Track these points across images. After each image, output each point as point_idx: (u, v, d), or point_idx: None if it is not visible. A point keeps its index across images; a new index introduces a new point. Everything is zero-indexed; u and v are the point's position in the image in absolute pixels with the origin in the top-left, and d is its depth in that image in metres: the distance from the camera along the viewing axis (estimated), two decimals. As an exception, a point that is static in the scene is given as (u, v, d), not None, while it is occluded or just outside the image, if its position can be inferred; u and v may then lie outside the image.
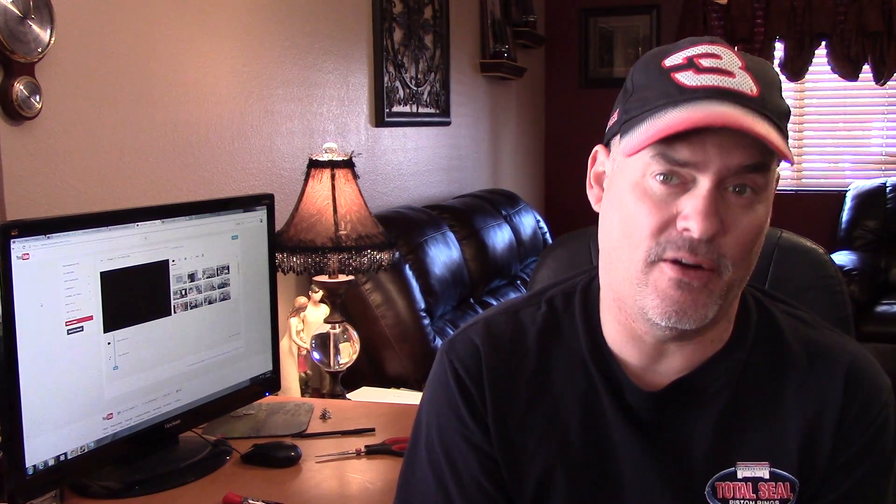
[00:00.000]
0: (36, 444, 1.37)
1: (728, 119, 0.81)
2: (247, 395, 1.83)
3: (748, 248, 0.87)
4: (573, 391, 0.97)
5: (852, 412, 0.93)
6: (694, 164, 0.84)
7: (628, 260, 0.88)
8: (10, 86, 1.68)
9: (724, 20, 5.13)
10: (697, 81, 0.85)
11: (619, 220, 0.89)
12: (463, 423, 0.97)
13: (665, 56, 0.90)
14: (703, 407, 0.94)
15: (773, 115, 0.85)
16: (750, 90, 0.85)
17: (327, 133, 2.91)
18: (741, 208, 0.85)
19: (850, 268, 4.49)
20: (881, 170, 5.22)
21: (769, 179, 0.87)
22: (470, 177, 4.27)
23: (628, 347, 0.95)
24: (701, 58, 0.87)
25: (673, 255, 0.85)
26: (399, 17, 3.39)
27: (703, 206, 0.83)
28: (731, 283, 0.87)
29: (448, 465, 0.97)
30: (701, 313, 0.86)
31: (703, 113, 0.82)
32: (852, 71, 4.96)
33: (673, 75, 0.87)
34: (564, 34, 5.45)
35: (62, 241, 1.40)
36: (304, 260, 2.15)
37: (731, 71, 0.86)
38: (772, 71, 0.91)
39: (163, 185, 2.15)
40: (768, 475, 0.93)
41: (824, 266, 1.26)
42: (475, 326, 1.02)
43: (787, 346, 0.96)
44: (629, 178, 0.88)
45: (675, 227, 0.85)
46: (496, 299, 3.53)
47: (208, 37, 2.31)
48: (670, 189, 0.85)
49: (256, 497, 1.48)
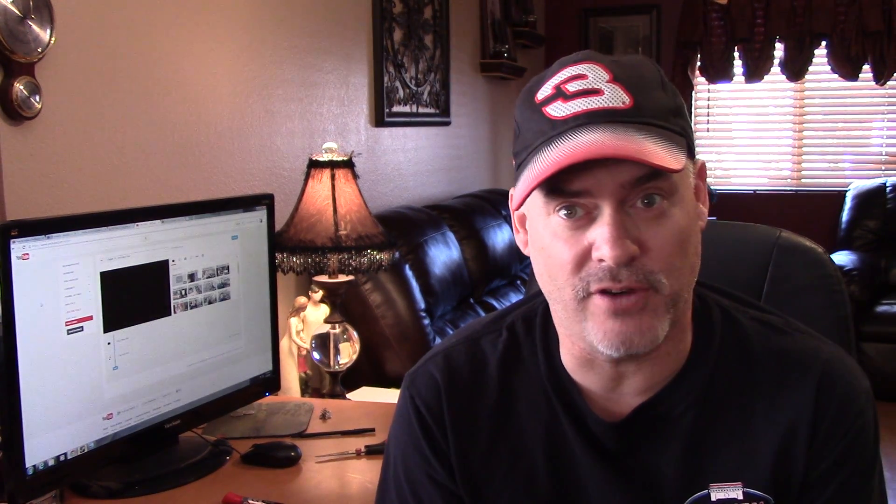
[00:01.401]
0: (36, 444, 1.37)
1: (596, 149, 0.79)
2: (247, 395, 1.83)
3: (676, 256, 0.84)
4: (537, 422, 0.95)
5: (825, 423, 0.90)
6: (588, 192, 0.82)
7: (561, 301, 0.87)
8: (10, 86, 1.68)
9: (724, 20, 5.13)
10: (565, 111, 0.83)
11: (543, 263, 0.88)
12: (426, 462, 0.97)
13: (538, 88, 0.88)
14: (669, 431, 0.91)
15: (655, 119, 0.83)
16: (622, 103, 0.83)
17: (327, 133, 2.91)
18: (653, 220, 0.83)
19: (850, 268, 4.49)
20: (881, 170, 5.22)
21: (675, 180, 0.84)
22: (470, 177, 4.27)
23: (587, 374, 0.92)
24: (567, 83, 0.85)
25: (598, 286, 0.83)
26: (399, 17, 3.39)
27: (609, 233, 0.81)
28: (674, 295, 0.85)
29: (415, 502, 0.97)
30: (649, 336, 0.84)
31: (573, 148, 0.80)
32: (852, 71, 4.96)
33: (543, 109, 0.85)
34: (564, 34, 5.45)
35: (62, 241, 1.40)
36: (304, 260, 2.15)
37: (599, 88, 0.83)
38: (647, 69, 0.88)
39: (163, 185, 2.15)
40: (742, 496, 0.90)
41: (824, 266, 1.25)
42: (435, 359, 1.00)
43: (754, 358, 0.93)
44: (538, 220, 0.87)
45: (592, 258, 0.83)
46: (496, 299, 3.54)
47: (208, 37, 2.31)
48: (577, 223, 0.83)
49: (256, 497, 1.48)
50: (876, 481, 0.93)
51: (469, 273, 3.37)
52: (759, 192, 5.34)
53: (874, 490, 0.93)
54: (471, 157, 4.28)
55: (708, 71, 5.18)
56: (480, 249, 3.49)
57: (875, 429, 0.93)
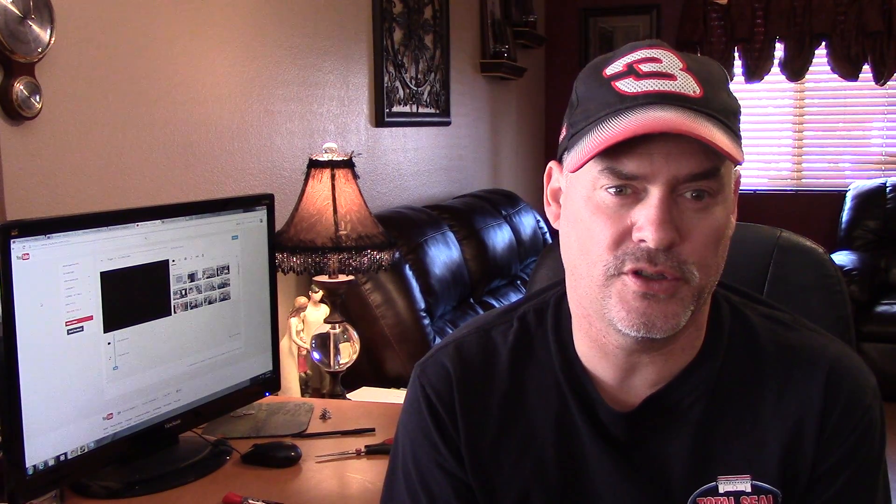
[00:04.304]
0: (36, 444, 1.37)
1: (667, 124, 0.80)
2: (247, 395, 1.83)
3: (710, 252, 0.85)
4: (547, 411, 0.96)
5: (833, 418, 0.91)
6: (643, 177, 0.83)
7: (588, 276, 0.87)
8: (10, 86, 1.68)
9: (724, 20, 5.13)
10: (637, 88, 0.84)
11: (576, 237, 0.89)
12: (436, 450, 0.97)
13: (606, 65, 0.88)
14: (678, 422, 0.92)
15: (719, 115, 0.84)
16: (693, 91, 0.84)
17: (327, 133, 2.91)
18: (697, 212, 0.84)
19: (850, 268, 4.49)
20: (881, 170, 5.22)
21: (723, 183, 0.85)
22: (470, 177, 4.27)
23: (600, 363, 0.93)
24: (640, 63, 0.86)
25: (632, 266, 0.84)
26: (399, 17, 3.39)
27: (656, 216, 0.82)
28: (700, 289, 0.86)
29: (424, 492, 0.97)
30: (672, 322, 0.85)
31: (642, 120, 0.81)
32: (852, 71, 4.96)
33: (613, 84, 0.86)
34: (564, 34, 5.46)
35: (62, 241, 1.40)
36: (304, 260, 2.15)
37: (672, 73, 0.85)
38: (717, 69, 0.89)
39: (163, 185, 2.15)
40: (750, 488, 0.91)
41: (824, 266, 1.25)
42: (446, 349, 1.01)
43: (763, 353, 0.94)
44: (581, 192, 0.87)
45: (632, 238, 0.84)
46: (496, 299, 3.54)
47: (208, 37, 2.31)
48: (623, 200, 0.84)
49: (256, 497, 1.48)
50: (881, 478, 0.94)
51: (469, 273, 3.37)
52: (759, 192, 5.35)
53: (879, 486, 0.94)
54: (471, 157, 4.29)
55: (708, 71, 5.18)
56: (480, 249, 3.49)
57: (882, 425, 0.94)
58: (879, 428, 0.93)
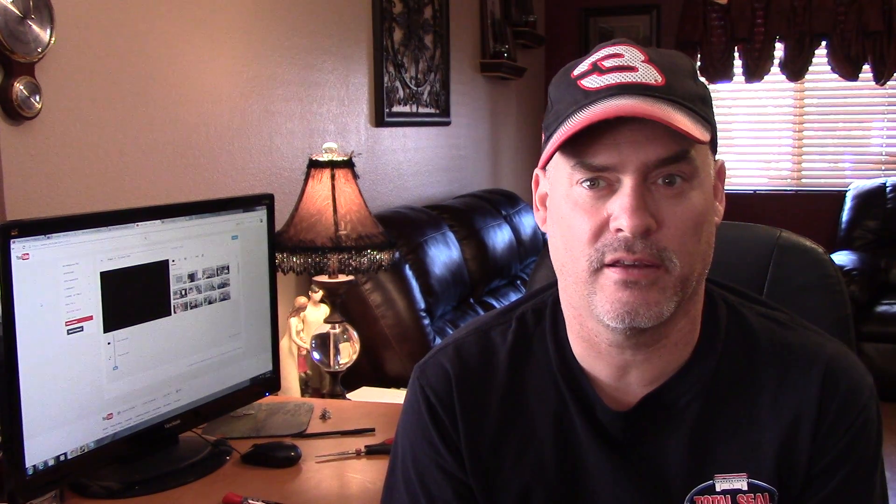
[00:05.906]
0: (36, 444, 1.37)
1: (626, 110, 0.82)
2: (247, 395, 1.83)
3: (690, 238, 0.86)
4: (546, 410, 0.96)
5: (829, 417, 0.91)
6: (613, 167, 0.85)
7: (574, 273, 0.88)
8: (10, 86, 1.68)
9: (724, 20, 5.14)
10: (600, 83, 0.87)
11: (560, 235, 0.90)
12: (436, 451, 0.97)
13: (574, 67, 0.92)
14: (675, 421, 0.93)
15: (683, 100, 0.86)
16: (654, 80, 0.86)
17: (327, 133, 2.91)
18: (672, 198, 0.85)
19: (850, 268, 4.49)
20: (881, 170, 5.22)
21: (695, 167, 0.86)
22: (470, 177, 4.27)
23: (595, 363, 0.94)
24: (603, 60, 0.89)
25: (612, 257, 0.85)
26: (399, 17, 3.39)
27: (629, 203, 0.84)
28: (684, 278, 0.86)
29: (423, 492, 0.98)
30: (655, 311, 0.86)
31: (603, 109, 0.83)
32: (852, 71, 4.96)
33: (579, 83, 0.89)
34: (564, 34, 5.46)
35: (62, 241, 1.40)
36: (304, 260, 2.15)
37: (634, 66, 0.87)
38: (681, 60, 0.91)
39: (163, 184, 2.15)
40: (746, 486, 0.92)
41: (824, 266, 1.25)
42: (446, 350, 1.01)
43: (760, 352, 0.95)
44: (560, 191, 0.90)
45: (609, 229, 0.85)
46: (496, 299, 3.54)
47: (208, 37, 2.31)
48: (598, 193, 0.86)
49: (256, 497, 1.48)
50: (878, 476, 0.94)
51: (469, 273, 3.37)
52: (759, 192, 5.35)
53: (876, 485, 0.94)
54: (471, 157, 4.29)
55: (708, 71, 5.18)
56: (480, 249, 3.49)
57: (878, 424, 0.94)
58: (876, 426, 0.93)
